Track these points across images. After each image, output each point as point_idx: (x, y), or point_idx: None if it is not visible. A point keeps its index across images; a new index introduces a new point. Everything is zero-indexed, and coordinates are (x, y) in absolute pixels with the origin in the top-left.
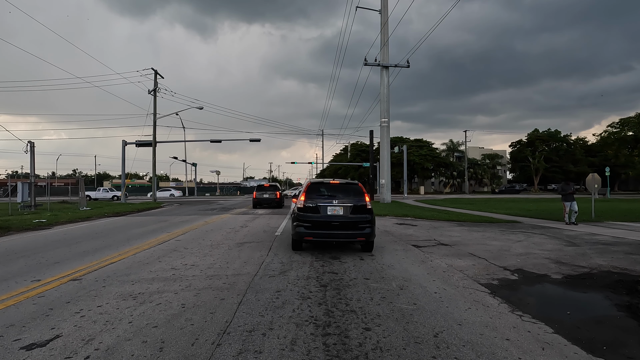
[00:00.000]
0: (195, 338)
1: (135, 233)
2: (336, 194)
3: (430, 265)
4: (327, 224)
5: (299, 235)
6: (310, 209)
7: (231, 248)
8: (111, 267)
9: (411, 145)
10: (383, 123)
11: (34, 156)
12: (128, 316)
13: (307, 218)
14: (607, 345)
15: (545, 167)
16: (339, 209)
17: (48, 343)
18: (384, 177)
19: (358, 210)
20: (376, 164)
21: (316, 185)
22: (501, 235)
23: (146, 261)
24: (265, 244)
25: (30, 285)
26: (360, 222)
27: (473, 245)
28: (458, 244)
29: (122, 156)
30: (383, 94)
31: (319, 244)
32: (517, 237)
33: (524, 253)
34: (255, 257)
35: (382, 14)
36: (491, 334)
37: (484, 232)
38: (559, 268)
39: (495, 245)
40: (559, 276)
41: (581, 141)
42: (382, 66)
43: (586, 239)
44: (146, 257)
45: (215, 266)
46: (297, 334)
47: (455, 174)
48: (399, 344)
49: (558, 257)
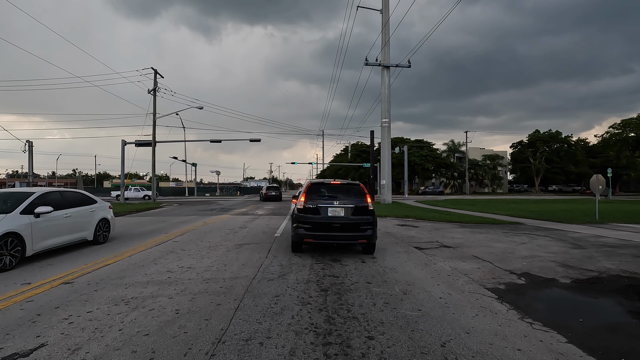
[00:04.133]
0: (189, 347)
1: (132, 234)
2: (337, 195)
3: (434, 268)
4: (327, 225)
5: (298, 237)
6: (311, 210)
7: (229, 250)
8: (105, 270)
9: (412, 145)
10: (384, 123)
11: (33, 155)
12: (119, 323)
13: (307, 219)
14: (624, 355)
15: (546, 168)
16: (340, 210)
17: (31, 353)
18: (384, 178)
19: (359, 211)
20: (376, 164)
21: (317, 185)
22: (504, 237)
23: (141, 263)
24: (264, 246)
25: (20, 289)
26: (361, 224)
27: (476, 247)
28: (461, 246)
29: (122, 156)
30: (384, 94)
31: (319, 246)
32: (521, 239)
33: (529, 256)
34: (254, 260)
35: (383, 13)
36: (501, 344)
37: (487, 234)
38: (567, 272)
39: (499, 248)
40: (567, 280)
41: (582, 142)
42: (383, 66)
43: (592, 241)
44: (142, 259)
45: (212, 269)
46: (297, 343)
47: (456, 174)
48: (404, 355)
49: (565, 260)
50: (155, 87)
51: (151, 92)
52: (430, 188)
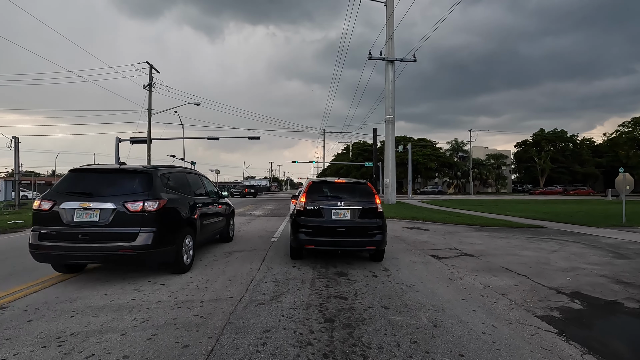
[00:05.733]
0: None
1: None
2: (342, 195)
3: (461, 284)
4: (331, 229)
5: (298, 242)
6: (312, 212)
7: (217, 259)
8: (59, 287)
9: (415, 144)
10: (388, 120)
11: (19, 152)
12: None
13: (308, 223)
14: None
15: (551, 167)
16: (346, 212)
17: None
18: (388, 177)
19: (367, 213)
20: (379, 163)
21: (319, 184)
22: (529, 243)
23: (107, 278)
24: (258, 254)
25: None
26: (370, 228)
27: (502, 256)
28: (484, 255)
29: (116, 153)
30: (388, 89)
31: (321, 252)
32: (550, 245)
33: (570, 268)
34: (244, 273)
35: (387, 5)
36: None
37: (508, 239)
38: (627, 291)
39: (530, 257)
40: (635, 304)
41: (587, 142)
42: (388, 60)
43: (633, 248)
44: (111, 271)
45: (190, 286)
46: None
47: (459, 174)
48: None
49: (615, 275)
50: (150, 82)
51: (146, 87)
52: (429, 188)
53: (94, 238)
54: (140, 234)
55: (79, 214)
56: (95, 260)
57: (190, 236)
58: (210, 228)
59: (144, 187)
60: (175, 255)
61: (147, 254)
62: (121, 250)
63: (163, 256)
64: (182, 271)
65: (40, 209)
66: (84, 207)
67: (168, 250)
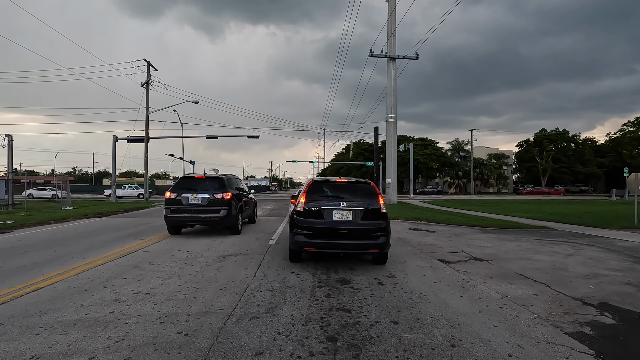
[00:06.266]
0: None
1: (102, 240)
2: (343, 195)
3: (476, 294)
4: (332, 231)
5: (297, 245)
6: (312, 213)
7: (209, 264)
8: (31, 297)
9: (416, 144)
10: (389, 119)
11: (12, 151)
12: None
13: (307, 224)
14: None
15: (553, 167)
16: (347, 213)
17: None
18: (390, 176)
19: (371, 215)
20: (380, 162)
21: (319, 184)
22: (541, 247)
23: (86, 286)
24: (254, 257)
25: None
26: (373, 230)
27: (515, 260)
28: (495, 259)
29: (113, 152)
30: (389, 87)
31: (322, 255)
32: (563, 249)
33: (590, 275)
34: (238, 280)
35: (389, 2)
36: None
37: (518, 242)
38: None
39: (544, 262)
40: None
41: (589, 141)
42: (389, 57)
43: None
44: (91, 278)
45: (177, 296)
46: None
47: (460, 174)
48: None
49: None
50: (148, 80)
51: (144, 85)
52: (429, 188)
53: (199, 211)
54: (222, 210)
55: (191, 200)
56: (199, 223)
57: (241, 215)
58: (247, 212)
59: (220, 186)
60: (236, 223)
61: (223, 221)
62: (212, 218)
63: (231, 222)
64: (238, 233)
65: (170, 197)
66: (194, 196)
67: (233, 220)
